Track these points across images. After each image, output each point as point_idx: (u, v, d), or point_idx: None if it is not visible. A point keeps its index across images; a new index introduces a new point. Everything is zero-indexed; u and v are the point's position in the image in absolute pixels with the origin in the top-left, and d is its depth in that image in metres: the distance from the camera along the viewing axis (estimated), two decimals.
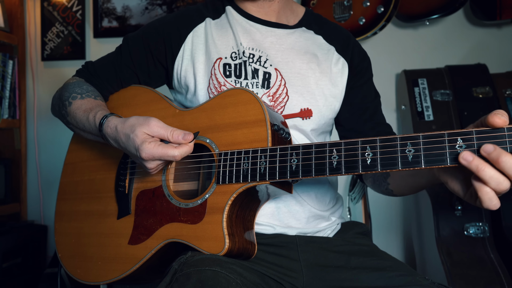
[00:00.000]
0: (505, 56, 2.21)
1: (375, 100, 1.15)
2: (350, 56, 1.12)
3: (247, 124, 0.90)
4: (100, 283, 1.02)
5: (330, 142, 0.80)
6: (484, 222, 1.74)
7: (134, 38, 1.12)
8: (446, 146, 0.69)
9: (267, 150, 0.85)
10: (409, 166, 0.71)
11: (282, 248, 0.99)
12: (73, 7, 2.50)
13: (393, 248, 2.29)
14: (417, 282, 0.86)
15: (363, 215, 2.15)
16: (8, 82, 2.35)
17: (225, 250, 0.85)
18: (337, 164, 0.77)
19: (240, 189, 0.86)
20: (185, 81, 1.07)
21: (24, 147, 2.49)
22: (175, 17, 1.11)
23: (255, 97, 0.90)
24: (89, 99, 1.05)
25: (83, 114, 1.02)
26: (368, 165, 0.75)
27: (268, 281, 0.93)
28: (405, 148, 0.72)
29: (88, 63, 1.16)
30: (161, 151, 0.85)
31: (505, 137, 0.65)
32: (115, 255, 1.00)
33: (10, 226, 2.22)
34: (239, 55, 1.05)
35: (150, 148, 0.85)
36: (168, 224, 0.93)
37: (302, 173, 0.81)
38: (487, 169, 0.63)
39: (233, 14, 1.10)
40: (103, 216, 1.05)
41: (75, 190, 1.14)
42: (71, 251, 1.09)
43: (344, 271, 0.95)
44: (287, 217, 1.02)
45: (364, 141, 0.76)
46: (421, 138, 0.71)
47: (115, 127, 0.92)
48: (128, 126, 0.89)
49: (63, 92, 1.10)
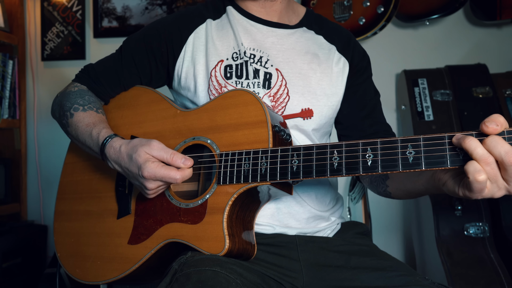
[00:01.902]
0: (505, 56, 2.21)
1: (374, 98, 1.15)
2: (351, 56, 1.12)
3: (248, 125, 0.90)
4: (99, 283, 1.02)
5: (331, 143, 0.80)
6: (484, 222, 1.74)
7: (135, 40, 1.12)
8: (447, 148, 0.70)
9: (268, 151, 0.85)
10: (410, 168, 0.72)
11: (282, 248, 0.99)
12: (73, 7, 2.50)
13: (393, 248, 2.29)
14: (417, 282, 0.86)
15: (363, 215, 2.15)
16: (8, 82, 2.36)
17: (225, 250, 0.85)
18: (338, 165, 0.78)
19: (241, 189, 0.86)
20: (185, 82, 1.07)
21: (24, 147, 2.49)
22: (176, 18, 1.11)
23: (256, 98, 0.91)
24: (91, 112, 1.04)
25: (85, 129, 1.01)
26: (369, 166, 0.75)
27: (268, 281, 0.93)
28: (405, 150, 0.72)
29: (88, 67, 1.13)
30: (163, 172, 0.85)
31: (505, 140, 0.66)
32: (114, 255, 1.00)
33: (10, 226, 2.22)
34: (240, 55, 1.05)
35: (153, 168, 0.85)
36: (168, 224, 0.93)
37: (303, 174, 0.81)
38: (479, 148, 0.66)
39: (234, 14, 1.10)
40: (103, 215, 1.05)
41: (75, 189, 1.14)
42: (70, 250, 1.08)
43: (344, 271, 0.96)
44: (287, 218, 1.02)
45: (365, 143, 0.76)
46: (422, 140, 0.71)
47: (119, 147, 0.92)
48: (131, 147, 0.90)
49: (64, 101, 1.07)
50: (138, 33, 1.13)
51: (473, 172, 0.65)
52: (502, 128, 0.66)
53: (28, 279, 2.23)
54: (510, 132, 0.67)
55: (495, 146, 0.65)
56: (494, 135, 0.66)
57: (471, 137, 0.66)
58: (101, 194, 1.07)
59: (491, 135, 0.66)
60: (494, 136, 0.65)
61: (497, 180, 0.67)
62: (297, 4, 1.17)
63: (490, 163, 0.65)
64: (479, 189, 0.67)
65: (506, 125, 0.67)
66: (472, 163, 0.66)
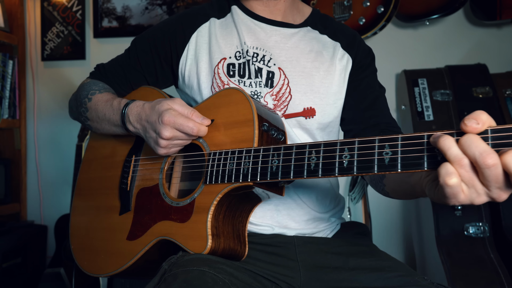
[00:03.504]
0: (505, 56, 2.21)
1: (377, 91, 1.11)
2: (355, 52, 1.11)
3: (237, 124, 0.89)
4: (100, 276, 1.05)
5: (311, 143, 0.76)
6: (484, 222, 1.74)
7: (141, 41, 1.14)
8: (425, 149, 0.63)
9: (251, 150, 0.84)
10: (385, 169, 0.66)
11: (280, 248, 0.99)
12: (73, 7, 2.50)
13: (393, 248, 2.29)
14: (415, 283, 0.86)
15: (363, 215, 2.15)
16: (8, 82, 2.36)
17: (207, 250, 0.84)
18: (315, 166, 0.74)
19: (225, 189, 0.85)
20: (188, 80, 1.08)
21: (24, 147, 2.49)
22: (180, 17, 1.12)
23: (245, 97, 0.90)
24: (108, 93, 1.09)
25: (105, 104, 1.05)
26: (344, 168, 0.70)
27: (263, 281, 0.92)
28: (382, 150, 0.66)
29: (99, 65, 1.19)
30: (182, 120, 0.88)
31: (488, 139, 0.58)
32: (115, 250, 1.03)
33: (10, 226, 2.22)
34: (243, 54, 1.05)
35: (174, 115, 0.88)
36: (161, 221, 0.94)
37: (281, 175, 0.77)
38: (453, 148, 0.58)
39: (238, 13, 1.10)
40: (109, 211, 1.08)
41: (89, 186, 1.17)
42: (81, 243, 1.13)
43: (342, 272, 0.95)
44: (286, 219, 1.02)
45: (343, 142, 0.72)
46: (399, 140, 0.65)
47: (143, 104, 0.96)
48: (155, 102, 0.94)
49: (79, 92, 1.13)
50: (144, 33, 1.16)
51: (444, 174, 0.58)
52: (484, 127, 0.57)
53: (28, 279, 2.23)
54: (496, 130, 0.57)
55: (469, 146, 0.56)
56: (471, 134, 0.57)
57: (446, 136, 0.59)
58: (108, 191, 1.10)
59: (468, 133, 0.58)
60: (470, 135, 0.57)
61: (475, 184, 0.58)
62: (303, 4, 1.17)
63: (464, 165, 0.57)
64: (452, 194, 0.59)
65: (490, 123, 0.58)
66: (444, 165, 0.58)
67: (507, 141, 0.57)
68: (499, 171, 0.56)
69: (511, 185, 0.57)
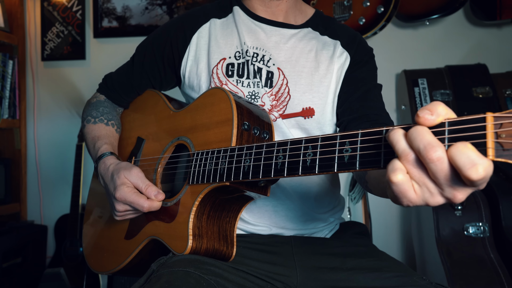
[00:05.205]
0: (505, 56, 2.21)
1: (370, 84, 1.08)
2: (354, 51, 1.10)
3: (219, 123, 0.89)
4: (100, 273, 1.09)
5: (279, 141, 0.73)
6: (484, 222, 1.74)
7: (144, 46, 1.16)
8: (382, 145, 0.57)
9: (228, 150, 0.82)
10: (345, 168, 0.61)
11: (276, 248, 0.99)
12: (73, 7, 2.50)
13: (393, 248, 2.29)
14: (414, 283, 0.85)
15: (363, 215, 2.15)
16: (8, 82, 2.36)
17: (188, 250, 0.84)
18: (281, 165, 0.70)
19: (205, 189, 0.85)
20: (189, 81, 1.09)
21: (24, 147, 2.49)
22: (182, 19, 1.13)
23: (227, 96, 0.89)
24: (100, 125, 1.12)
25: (90, 141, 1.10)
26: (307, 166, 0.66)
27: (256, 281, 0.91)
28: (343, 147, 0.62)
29: (107, 76, 1.21)
30: (133, 198, 0.89)
31: (445, 133, 0.51)
32: (115, 248, 1.04)
33: (10, 226, 2.22)
34: (242, 54, 1.06)
35: (126, 192, 0.90)
36: (152, 221, 0.96)
37: (252, 175, 0.75)
38: (400, 142, 0.53)
39: (239, 14, 1.11)
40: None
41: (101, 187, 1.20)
42: (91, 242, 1.16)
43: (339, 272, 0.94)
44: (284, 220, 1.02)
45: (307, 140, 0.68)
46: (359, 136, 0.60)
47: (109, 165, 0.98)
48: (117, 168, 0.95)
49: (84, 111, 1.18)
50: (147, 38, 1.17)
51: (389, 171, 0.52)
52: (439, 118, 0.51)
53: (28, 279, 2.23)
54: (453, 123, 0.51)
55: (415, 139, 0.50)
56: (419, 126, 0.51)
57: (396, 129, 0.53)
58: None
59: (417, 125, 0.51)
60: (417, 127, 0.51)
61: (425, 182, 0.52)
62: (306, 5, 1.17)
63: (410, 161, 0.51)
64: (399, 192, 0.53)
65: (448, 115, 0.51)
66: (393, 161, 0.53)
67: (466, 134, 0.49)
68: (445, 166, 0.49)
69: (464, 182, 0.50)
